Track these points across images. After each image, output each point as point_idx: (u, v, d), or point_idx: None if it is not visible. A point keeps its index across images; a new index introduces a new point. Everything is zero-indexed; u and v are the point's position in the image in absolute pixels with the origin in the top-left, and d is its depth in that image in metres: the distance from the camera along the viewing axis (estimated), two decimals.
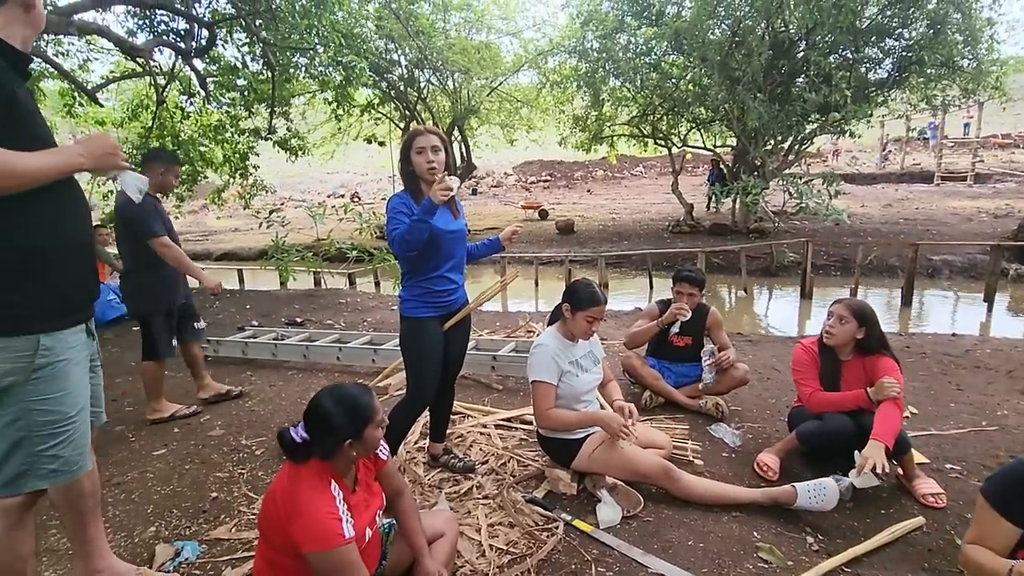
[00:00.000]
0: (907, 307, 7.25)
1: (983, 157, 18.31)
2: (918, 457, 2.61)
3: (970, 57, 10.02)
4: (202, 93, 7.73)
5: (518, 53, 14.30)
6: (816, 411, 2.49)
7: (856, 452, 2.17)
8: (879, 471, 2.08)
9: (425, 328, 2.33)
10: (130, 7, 6.63)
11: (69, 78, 7.02)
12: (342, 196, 23.09)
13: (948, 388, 3.54)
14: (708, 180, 14.07)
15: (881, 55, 10.99)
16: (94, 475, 1.77)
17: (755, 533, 2.11)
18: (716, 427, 2.99)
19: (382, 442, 1.67)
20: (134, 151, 8.16)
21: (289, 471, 1.50)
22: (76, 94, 7.54)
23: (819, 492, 2.16)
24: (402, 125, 14.58)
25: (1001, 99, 10.91)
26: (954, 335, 5.02)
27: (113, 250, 6.43)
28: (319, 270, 8.92)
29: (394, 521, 1.77)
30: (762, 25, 10.35)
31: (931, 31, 9.61)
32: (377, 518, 1.63)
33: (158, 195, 3.28)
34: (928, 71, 10.15)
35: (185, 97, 8.36)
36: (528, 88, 15.35)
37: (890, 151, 21.63)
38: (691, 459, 2.60)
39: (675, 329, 3.24)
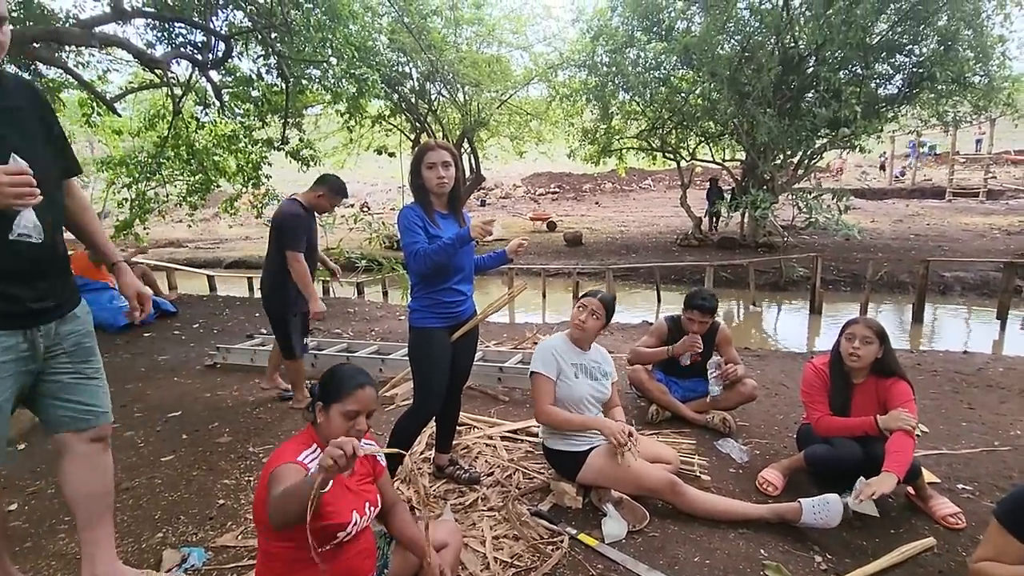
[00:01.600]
0: (918, 323, 7.17)
1: (996, 173, 18.17)
2: (929, 477, 2.57)
3: (981, 74, 10.00)
4: (217, 104, 7.87)
5: (528, 66, 14.43)
6: (824, 436, 2.44)
7: (861, 478, 2.13)
8: (876, 497, 2.04)
9: (433, 338, 2.35)
10: (149, 20, 6.79)
11: (88, 88, 7.17)
12: (352, 206, 23.27)
13: (959, 407, 3.49)
14: (707, 198, 14.04)
15: (891, 71, 11.00)
16: (107, 477, 1.81)
17: (762, 551, 2.09)
18: (723, 442, 2.97)
19: (375, 445, 1.69)
20: (149, 159, 8.30)
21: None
22: (95, 104, 7.70)
23: (823, 508, 2.14)
24: (412, 136, 14.73)
25: (1013, 116, 10.87)
26: (966, 352, 4.96)
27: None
28: (328, 279, 8.98)
29: None
30: (772, 41, 10.41)
31: (942, 47, 9.61)
32: (367, 508, 1.63)
33: (314, 212, 3.53)
34: (939, 87, 10.13)
35: (200, 108, 8.51)
36: (538, 101, 15.46)
37: (904, 167, 21.53)
38: (698, 474, 2.58)
39: (685, 361, 3.22)
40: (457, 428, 2.98)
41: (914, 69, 10.45)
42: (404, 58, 12.39)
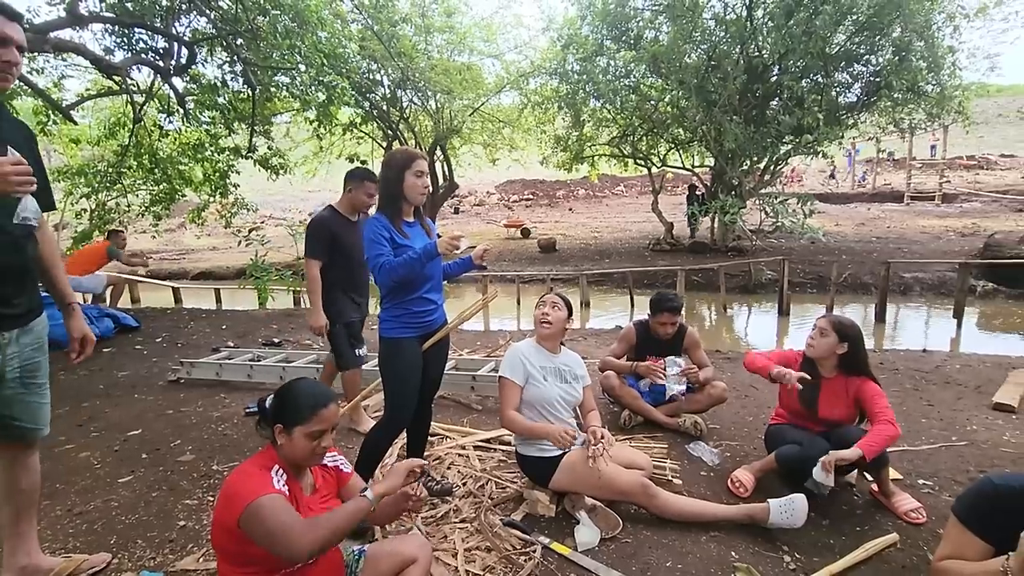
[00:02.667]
0: (881, 323, 7.40)
1: (950, 178, 18.95)
2: (892, 473, 2.64)
3: (934, 83, 10.42)
4: (181, 111, 7.67)
5: (500, 74, 14.48)
6: (749, 368, 2.62)
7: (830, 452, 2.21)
8: (835, 462, 2.17)
9: (404, 348, 2.32)
10: (108, 25, 6.59)
11: (43, 96, 6.91)
12: None
13: (919, 404, 3.60)
14: (687, 202, 14.32)
15: (850, 80, 11.39)
16: (35, 476, 1.93)
17: (733, 553, 2.10)
18: (695, 445, 3.00)
19: (338, 456, 1.71)
20: (109, 168, 8.04)
21: (250, 458, 1.59)
22: (50, 112, 7.42)
23: (790, 508, 2.18)
24: (384, 144, 14.62)
25: (964, 123, 11.37)
26: (925, 351, 5.13)
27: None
28: (299, 289, 8.81)
29: (364, 548, 1.73)
30: (736, 50, 10.68)
31: (897, 58, 9.99)
32: None
33: (353, 214, 3.22)
34: (895, 95, 10.53)
35: (164, 115, 8.28)
36: (510, 108, 15.52)
37: (865, 172, 22.29)
38: (670, 478, 2.59)
39: (645, 387, 3.30)
40: (429, 438, 2.93)
41: (871, 78, 10.84)
42: (375, 65, 12.30)
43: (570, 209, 23.58)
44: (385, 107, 13.61)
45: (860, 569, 2.03)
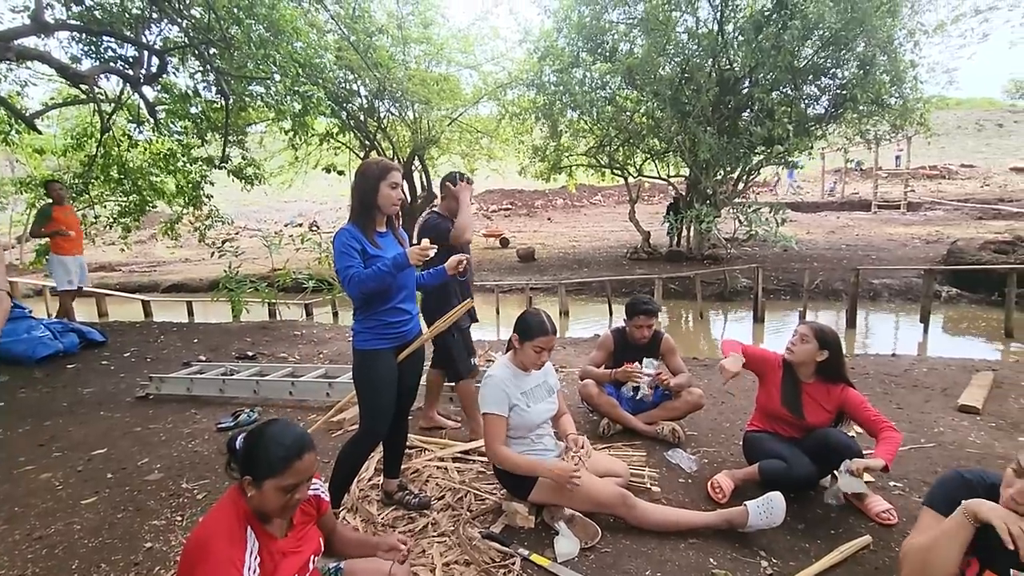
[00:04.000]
0: (851, 329, 7.57)
1: (914, 187, 19.63)
2: (865, 476, 2.69)
3: (897, 95, 10.82)
4: (152, 121, 7.52)
5: (477, 85, 14.57)
6: (724, 349, 2.64)
7: (846, 461, 2.25)
8: (863, 473, 2.21)
9: (379, 360, 2.29)
10: (75, 33, 6.44)
11: (4, 104, 6.71)
12: (300, 225, 22.68)
13: (889, 407, 3.68)
14: (672, 212, 14.53)
15: (818, 92, 11.76)
16: None
17: (711, 560, 2.11)
18: (673, 452, 3.01)
19: (319, 484, 1.64)
20: (75, 179, 7.82)
21: (219, 502, 1.43)
22: (12, 121, 7.20)
23: (767, 507, 2.19)
24: (362, 155, 14.54)
25: (926, 134, 11.80)
26: (894, 355, 5.26)
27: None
28: (274, 301, 8.66)
29: (341, 565, 1.69)
30: (709, 63, 10.94)
31: (861, 71, 10.34)
32: (311, 563, 1.55)
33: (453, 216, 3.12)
34: (860, 108, 10.89)
35: (134, 125, 8.11)
36: (488, 119, 15.61)
37: (834, 182, 22.94)
38: (649, 486, 2.60)
39: (628, 393, 3.30)
40: (406, 451, 2.89)
41: (838, 91, 11.20)
42: (352, 75, 12.26)
43: (548, 219, 23.73)
44: (362, 117, 13.56)
45: (835, 572, 2.05)
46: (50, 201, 6.09)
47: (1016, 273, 6.98)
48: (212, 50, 6.72)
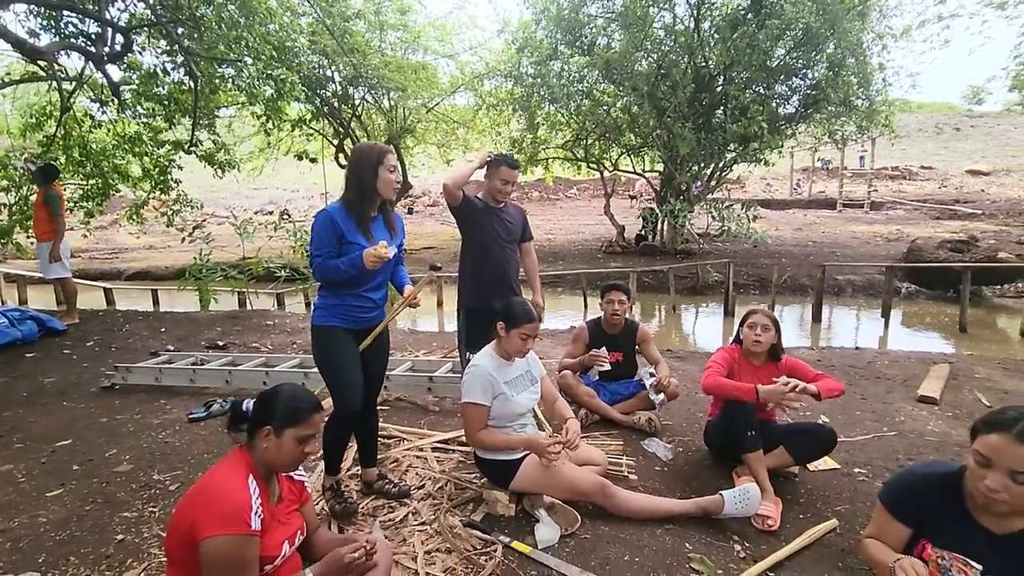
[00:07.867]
0: (817, 323, 7.83)
1: (877, 187, 20.30)
2: (829, 463, 2.81)
3: (863, 97, 11.14)
4: (116, 101, 7.21)
5: (455, 75, 14.41)
6: (707, 390, 2.59)
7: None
8: (794, 390, 2.34)
9: (335, 334, 2.30)
10: (32, 7, 6.11)
11: None
12: (270, 213, 22.15)
13: (854, 398, 3.84)
14: (657, 204, 14.70)
15: (790, 92, 12.01)
16: None
17: (687, 544, 2.17)
18: (649, 442, 3.08)
19: (303, 472, 1.69)
20: (35, 159, 7.45)
21: (218, 463, 1.51)
22: None
23: (743, 497, 2.27)
24: (336, 142, 14.26)
25: (890, 136, 12.21)
26: (857, 348, 5.47)
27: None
28: (244, 290, 8.46)
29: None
30: (685, 60, 11.06)
31: (831, 73, 10.61)
32: (297, 537, 1.59)
33: (493, 200, 3.15)
34: (829, 108, 11.18)
35: (97, 105, 7.75)
36: (464, 109, 15.47)
37: (800, 180, 23.56)
38: (626, 474, 2.66)
39: (594, 377, 3.38)
40: (386, 441, 2.88)
41: (809, 91, 11.47)
42: (326, 61, 11.98)
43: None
44: (336, 104, 13.28)
45: (804, 554, 2.14)
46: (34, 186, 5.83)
47: (971, 271, 7.32)
48: (180, 29, 6.47)
